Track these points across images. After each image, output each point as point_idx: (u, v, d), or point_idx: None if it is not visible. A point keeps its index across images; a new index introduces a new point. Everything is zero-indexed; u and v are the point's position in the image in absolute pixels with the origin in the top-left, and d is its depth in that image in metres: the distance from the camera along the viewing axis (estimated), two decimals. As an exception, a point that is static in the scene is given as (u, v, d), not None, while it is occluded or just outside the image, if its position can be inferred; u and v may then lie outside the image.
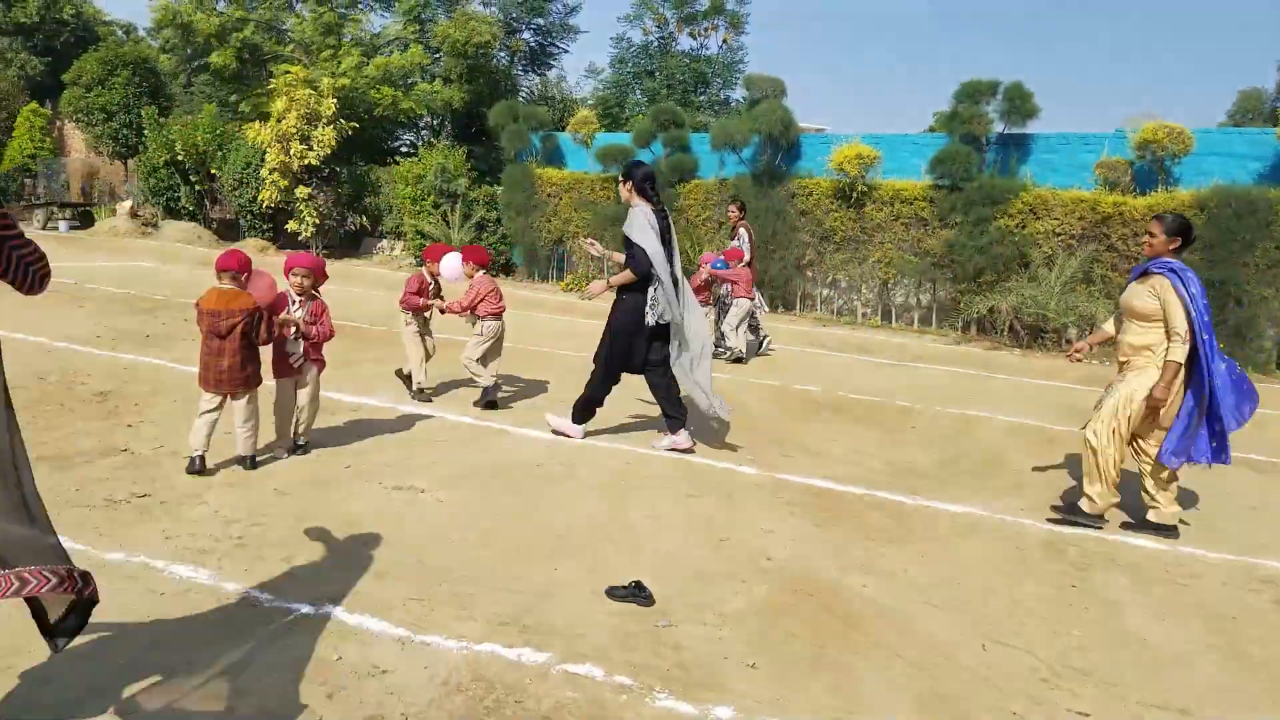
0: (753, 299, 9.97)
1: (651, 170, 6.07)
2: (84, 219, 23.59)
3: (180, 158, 20.80)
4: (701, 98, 24.34)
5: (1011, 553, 4.75)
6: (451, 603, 3.76)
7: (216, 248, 20.43)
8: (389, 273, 17.63)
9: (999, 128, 12.88)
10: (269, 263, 17.98)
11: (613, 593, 3.92)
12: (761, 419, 7.35)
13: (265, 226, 20.44)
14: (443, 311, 7.20)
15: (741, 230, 10.03)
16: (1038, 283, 11.89)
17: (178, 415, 6.23)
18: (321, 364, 5.74)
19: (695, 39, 24.56)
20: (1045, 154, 12.96)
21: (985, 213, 12.44)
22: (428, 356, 7.37)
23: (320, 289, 5.82)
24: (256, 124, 18.94)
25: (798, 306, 14.47)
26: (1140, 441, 5.12)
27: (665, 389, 6.12)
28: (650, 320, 5.97)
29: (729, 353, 9.82)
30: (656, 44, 25.24)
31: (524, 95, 23.47)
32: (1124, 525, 5.19)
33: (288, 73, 19.08)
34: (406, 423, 6.51)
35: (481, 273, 7.26)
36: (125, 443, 5.55)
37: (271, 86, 19.36)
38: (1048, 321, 11.82)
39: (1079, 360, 5.41)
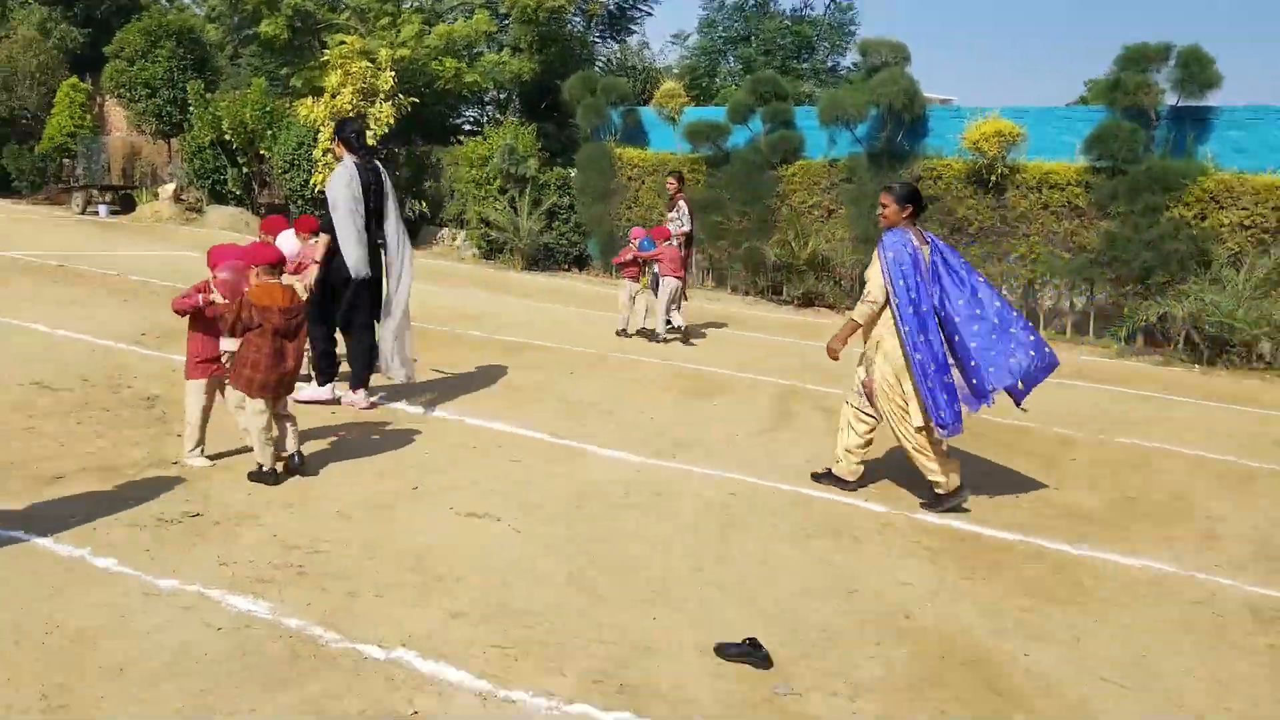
0: (681, 278, 10.94)
1: (360, 126, 7.17)
2: (125, 203, 24.44)
3: (227, 137, 21.40)
4: (805, 65, 24.07)
5: (1207, 619, 4.46)
6: (538, 653, 3.72)
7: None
8: (450, 265, 17.85)
9: (1171, 100, 12.28)
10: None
11: (723, 650, 3.82)
12: (884, 444, 7.18)
13: (317, 213, 20.87)
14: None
15: (681, 203, 11.13)
16: (1221, 285, 11.13)
17: (230, 424, 6.34)
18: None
19: (798, -2, 24.35)
20: (1231, 131, 12.30)
21: (1155, 201, 11.84)
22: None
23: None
24: (309, 100, 19.37)
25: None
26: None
27: (363, 350, 7.05)
28: (356, 272, 6.74)
29: (670, 332, 10.84)
30: (753, 5, 25.10)
31: (601, 65, 23.54)
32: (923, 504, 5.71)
33: (342, 43, 19.47)
34: (476, 438, 6.53)
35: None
36: (176, 454, 5.67)
37: (325, 58, 19.78)
38: (1234, 333, 11.02)
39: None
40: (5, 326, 8.85)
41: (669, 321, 10.88)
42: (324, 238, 6.94)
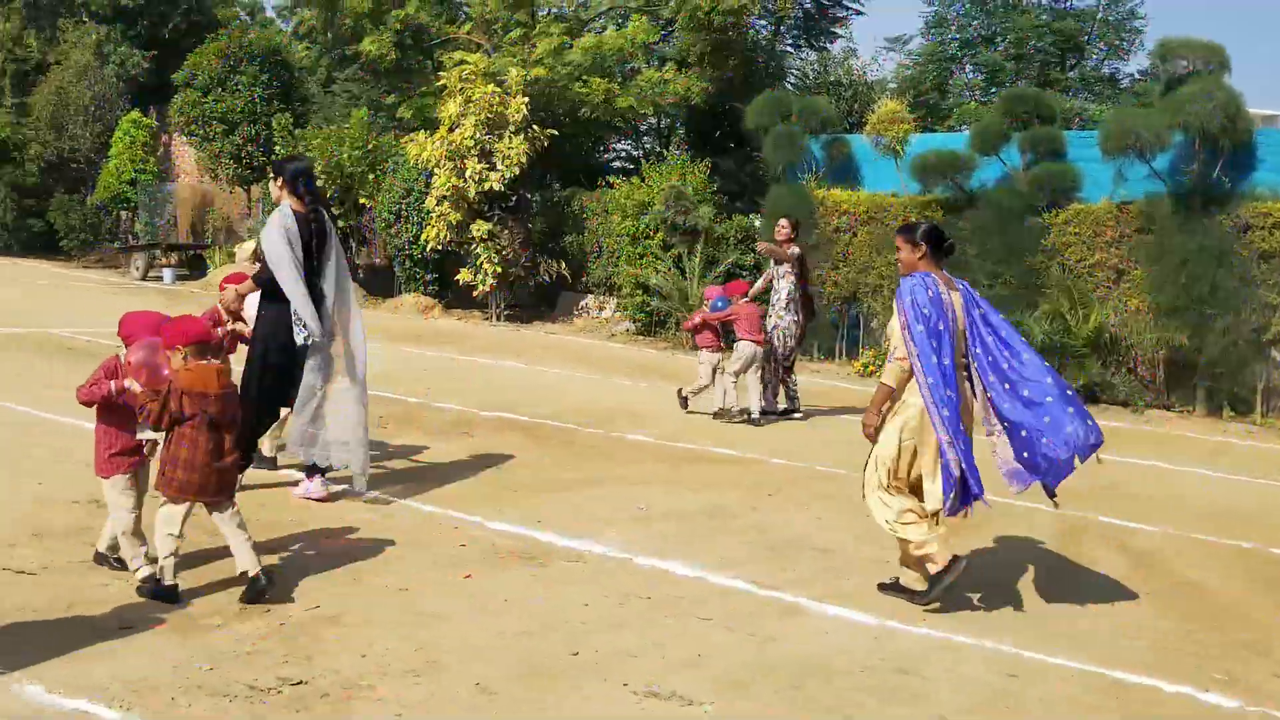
0: (759, 341, 11.65)
1: (307, 166, 7.82)
2: (194, 265, 25.85)
3: (320, 183, 22.41)
4: (1072, 74, 23.70)
5: None
6: None
7: (366, 307, 21.68)
8: (597, 344, 18.08)
9: None
10: (434, 328, 18.96)
11: None
12: (1220, 599, 6.77)
13: (429, 277, 21.57)
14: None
15: (795, 250, 11.99)
16: None
17: (333, 560, 6.46)
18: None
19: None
20: None
21: None
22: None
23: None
24: (420, 135, 20.17)
25: (1262, 407, 13.48)
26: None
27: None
28: (299, 338, 7.44)
29: (733, 414, 11.68)
30: (998, -3, 24.94)
31: (794, 81, 23.79)
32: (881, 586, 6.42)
33: (463, 63, 20.27)
34: (649, 585, 6.45)
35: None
36: (266, 601, 5.78)
37: (441, 82, 20.60)
38: None
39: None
40: (52, 425, 9.33)
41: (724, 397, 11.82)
42: (243, 287, 7.68)
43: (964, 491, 6.07)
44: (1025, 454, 6.15)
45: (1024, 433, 6.12)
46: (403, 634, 5.46)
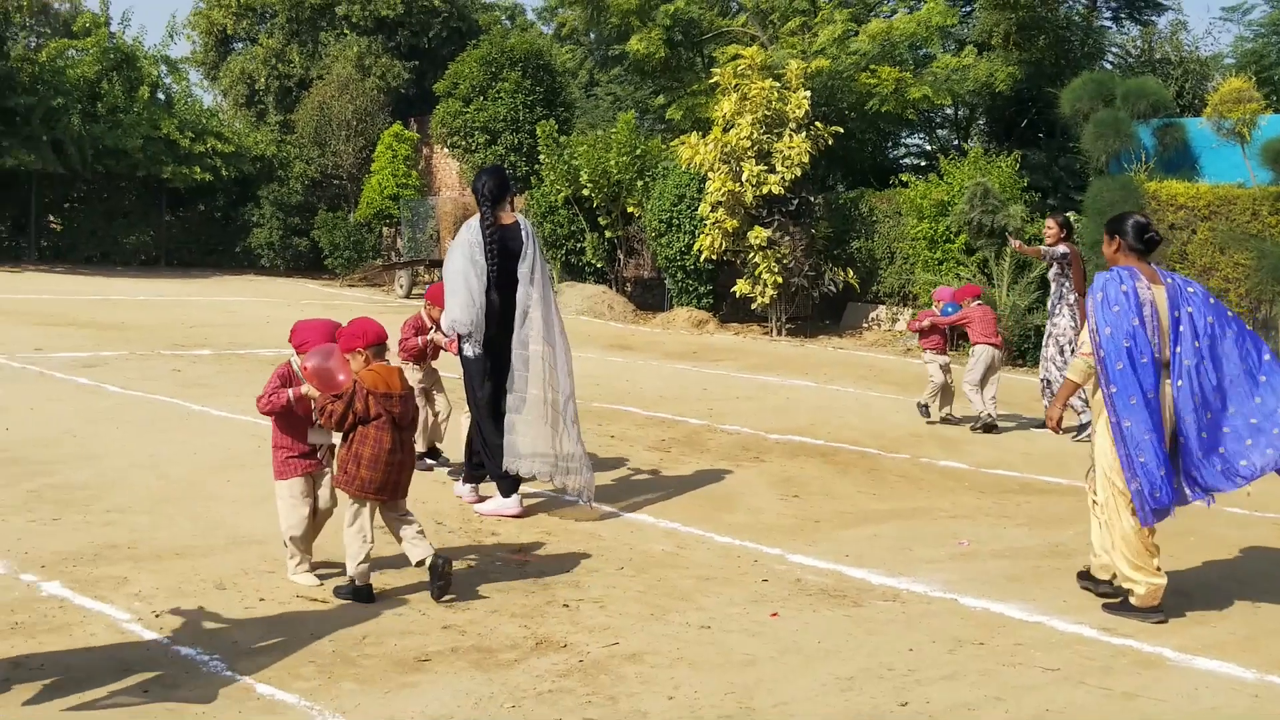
0: (998, 344, 12.19)
1: (499, 173, 8.27)
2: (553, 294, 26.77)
3: (585, 192, 22.84)
4: None
5: None
6: None
7: (633, 322, 22.08)
8: (894, 359, 17.76)
9: None
10: (709, 344, 19.02)
11: None
12: None
13: (703, 290, 21.69)
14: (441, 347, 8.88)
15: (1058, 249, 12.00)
16: None
17: (630, 594, 6.47)
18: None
19: None
20: None
21: None
22: (438, 416, 9.34)
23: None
24: (692, 137, 20.28)
25: None
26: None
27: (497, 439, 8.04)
28: (468, 351, 8.02)
29: (977, 421, 12.11)
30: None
31: (1112, 61, 22.92)
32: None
33: (737, 57, 20.32)
34: (980, 629, 6.23)
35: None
36: (565, 635, 5.82)
37: (714, 79, 20.71)
38: None
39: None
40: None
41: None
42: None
43: (1155, 501, 6.15)
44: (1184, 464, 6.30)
45: (1226, 429, 6.29)
46: (711, 675, 5.41)
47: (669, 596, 6.50)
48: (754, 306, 20.39)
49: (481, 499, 8.26)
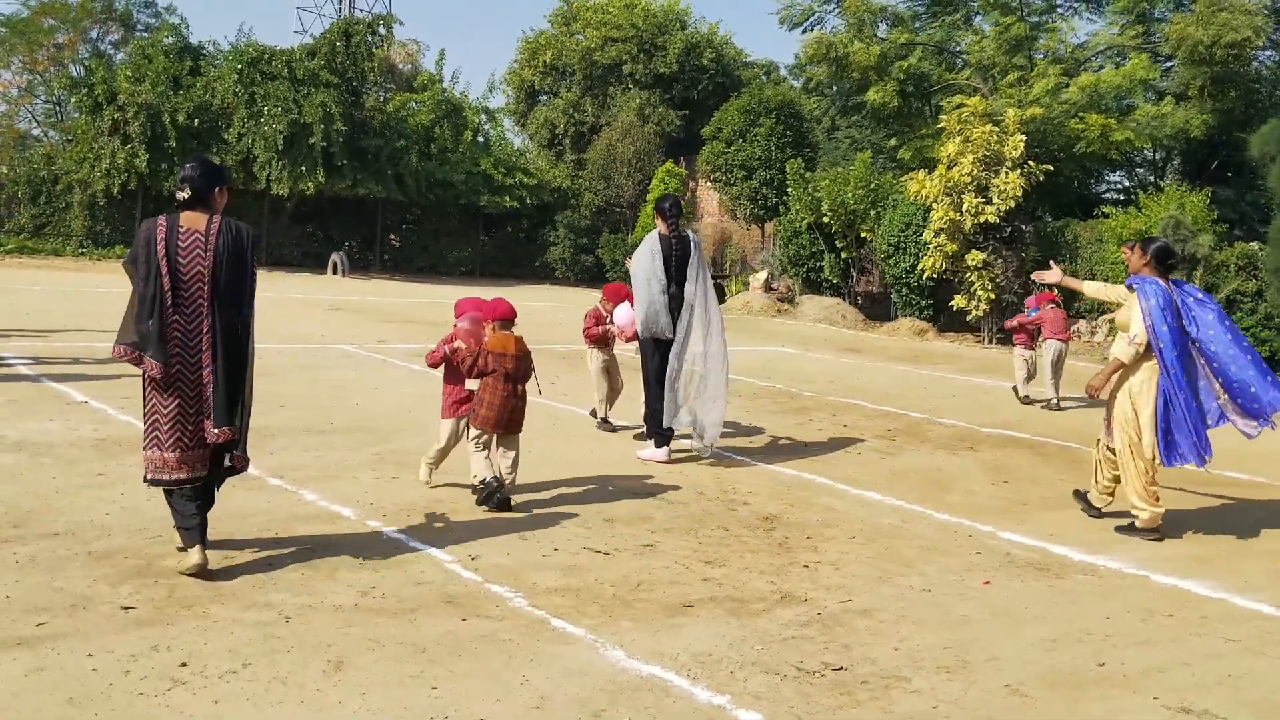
0: (1065, 339, 12.85)
1: (675, 198, 8.95)
2: (716, 294, 26.97)
3: (825, 219, 22.70)
4: None
5: None
6: None
7: (863, 330, 21.82)
8: (1089, 365, 17.06)
9: None
10: (928, 349, 18.64)
11: None
12: None
13: (924, 303, 21.31)
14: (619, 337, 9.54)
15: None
16: None
17: (861, 559, 6.44)
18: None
19: None
20: None
21: None
22: (616, 393, 9.85)
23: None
24: (920, 174, 19.96)
25: None
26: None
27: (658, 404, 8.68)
28: (643, 334, 8.64)
29: (1051, 403, 12.66)
30: None
31: (1298, 109, 21.51)
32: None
33: (961, 105, 19.88)
34: (1170, 603, 5.95)
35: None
36: (805, 591, 5.83)
37: (940, 124, 20.32)
38: None
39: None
40: (621, 434, 9.95)
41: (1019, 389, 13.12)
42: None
43: (1169, 447, 7.01)
44: (1240, 401, 7.13)
45: (1236, 383, 7.11)
46: (931, 632, 5.34)
47: (895, 562, 6.44)
48: (969, 318, 19.94)
49: (670, 460, 8.71)
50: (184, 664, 4.38)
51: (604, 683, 4.51)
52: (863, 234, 22.43)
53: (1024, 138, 18.83)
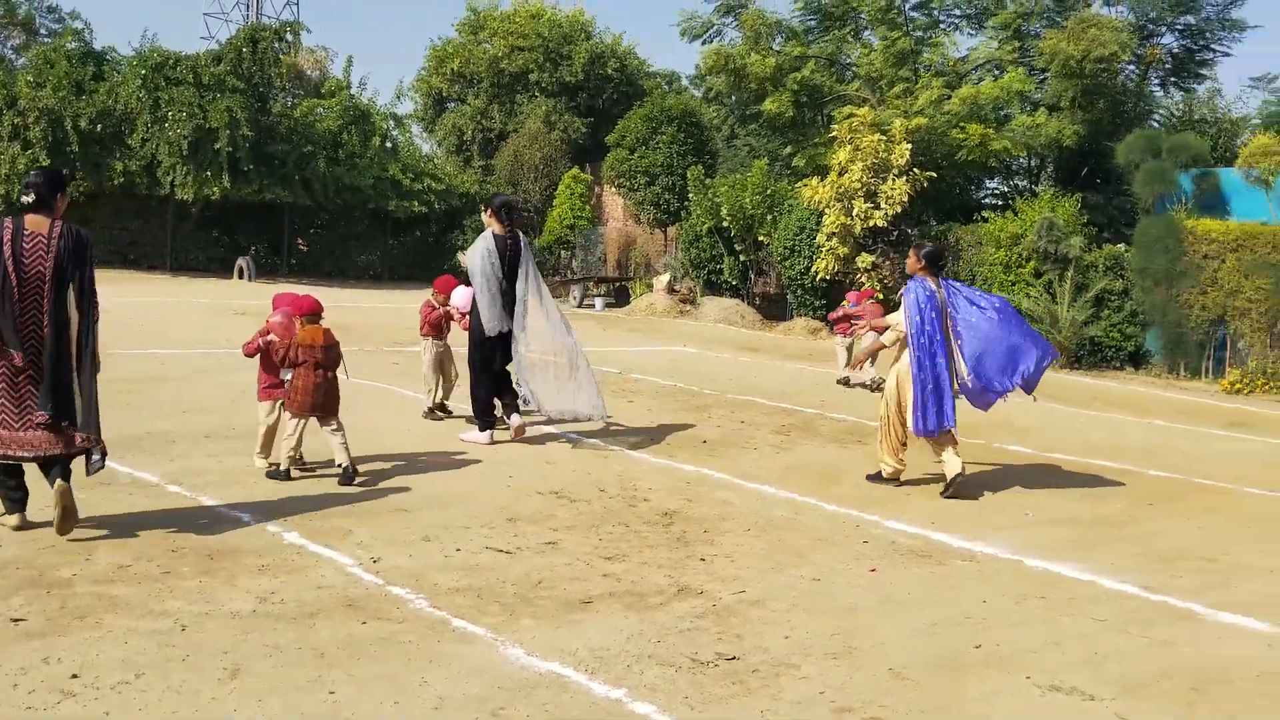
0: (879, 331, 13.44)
1: (508, 199, 9.26)
2: (619, 295, 26.90)
3: (725, 224, 22.77)
4: None
5: None
6: None
7: (760, 329, 21.94)
8: (973, 363, 17.37)
9: None
10: (822, 348, 18.83)
11: None
12: None
13: (818, 303, 21.47)
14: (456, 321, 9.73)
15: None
16: None
17: (755, 552, 6.44)
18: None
19: None
20: None
21: None
22: (451, 383, 10.06)
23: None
24: (813, 180, 20.13)
25: None
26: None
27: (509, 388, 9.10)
28: (488, 329, 8.82)
29: (871, 385, 13.12)
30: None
31: (1159, 121, 22.15)
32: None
33: (851, 115, 20.09)
34: (1041, 586, 6.07)
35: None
36: (701, 584, 5.81)
37: (832, 134, 20.50)
38: None
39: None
40: (532, 434, 9.85)
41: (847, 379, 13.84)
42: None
43: (920, 420, 7.88)
44: (980, 382, 8.02)
45: (975, 366, 7.98)
46: (820, 620, 5.36)
47: (787, 553, 6.46)
48: (860, 318, 20.16)
49: (493, 442, 8.96)
50: (75, 675, 4.21)
51: (503, 681, 4.44)
52: (760, 238, 22.53)
53: (910, 146, 19.07)
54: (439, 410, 10.03)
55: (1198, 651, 5.19)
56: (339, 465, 7.38)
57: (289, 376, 7.44)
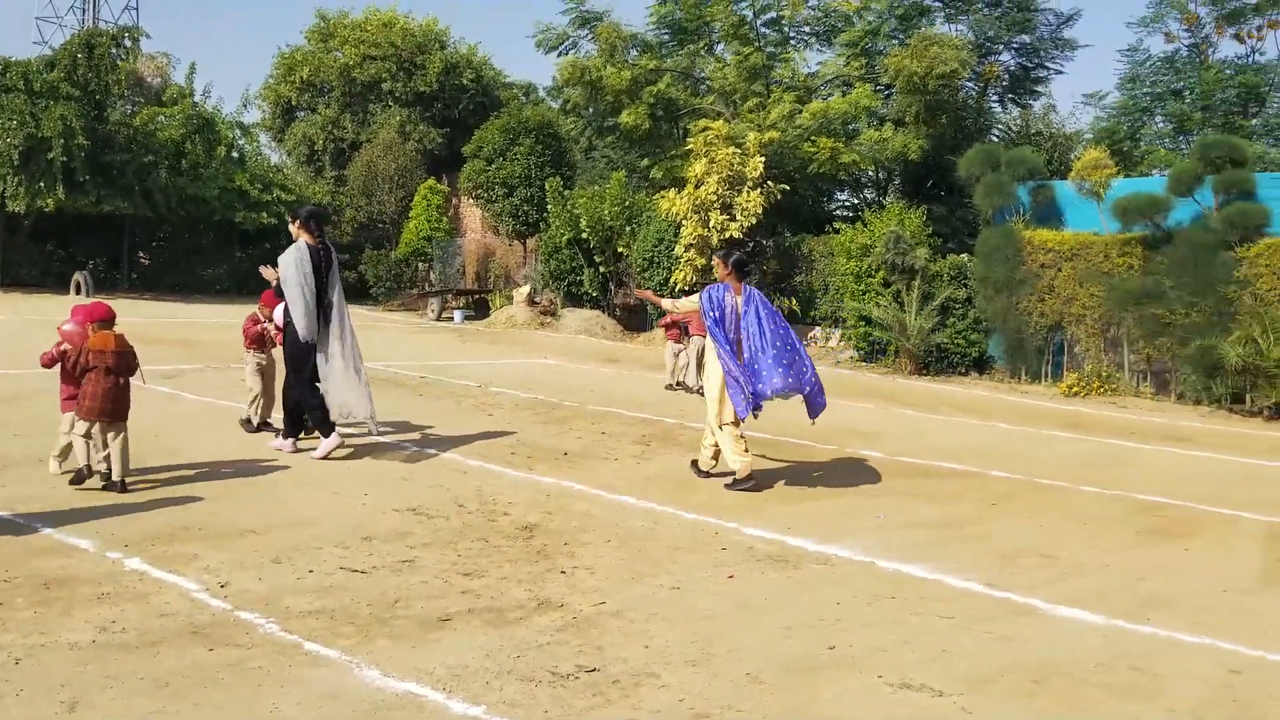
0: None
1: (317, 210, 9.41)
2: (479, 307, 26.70)
3: (585, 235, 22.83)
4: (1255, 121, 22.36)
5: None
6: None
7: (620, 340, 22.05)
8: (825, 370, 17.76)
9: None
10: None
11: None
12: None
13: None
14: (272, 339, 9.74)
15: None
16: None
17: (616, 563, 6.47)
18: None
19: (1243, 42, 22.79)
20: None
21: None
22: (272, 397, 9.98)
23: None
24: (670, 193, 20.33)
25: None
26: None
27: (319, 400, 8.95)
28: (303, 338, 8.83)
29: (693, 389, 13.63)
30: (1185, 53, 23.79)
31: (998, 135, 23.04)
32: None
33: (706, 129, 20.36)
34: (892, 586, 6.24)
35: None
36: (561, 596, 5.81)
37: (688, 146, 20.75)
38: None
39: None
40: (384, 448, 9.71)
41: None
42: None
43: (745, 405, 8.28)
44: (758, 386, 8.38)
45: (756, 369, 8.44)
46: (679, 628, 5.42)
47: (646, 563, 6.51)
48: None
49: (300, 451, 9.10)
50: (-97, 713, 4.00)
51: (357, 703, 4.36)
52: (620, 249, 22.65)
53: (763, 159, 19.42)
54: (262, 426, 9.98)
55: (1038, 645, 5.40)
56: (111, 476, 7.41)
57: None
